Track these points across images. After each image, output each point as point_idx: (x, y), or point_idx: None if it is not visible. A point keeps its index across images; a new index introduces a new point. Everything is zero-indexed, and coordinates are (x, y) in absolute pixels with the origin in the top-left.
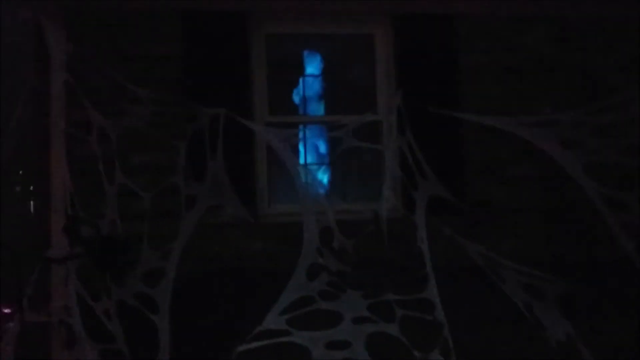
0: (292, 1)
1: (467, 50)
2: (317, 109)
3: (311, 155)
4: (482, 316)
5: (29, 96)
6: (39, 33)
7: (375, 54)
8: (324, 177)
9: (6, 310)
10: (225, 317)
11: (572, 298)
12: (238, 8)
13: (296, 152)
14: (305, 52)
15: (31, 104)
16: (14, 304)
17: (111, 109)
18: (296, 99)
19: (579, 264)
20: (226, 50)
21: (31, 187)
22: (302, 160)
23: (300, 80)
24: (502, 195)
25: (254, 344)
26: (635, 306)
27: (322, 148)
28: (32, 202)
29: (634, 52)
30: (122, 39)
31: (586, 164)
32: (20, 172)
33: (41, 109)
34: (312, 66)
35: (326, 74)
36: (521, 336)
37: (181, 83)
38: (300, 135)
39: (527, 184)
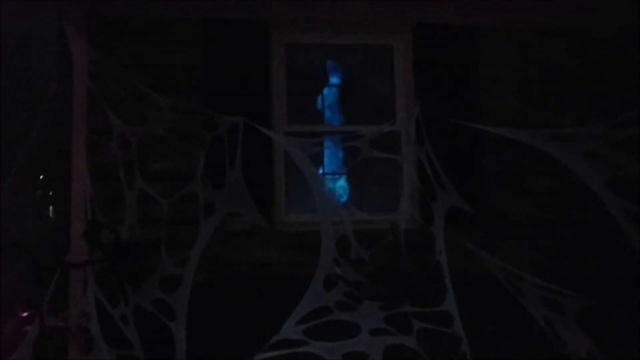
0: (312, 11)
1: (486, 62)
2: (336, 118)
3: (330, 164)
4: (501, 330)
5: (52, 102)
6: (62, 40)
7: (394, 64)
8: (342, 187)
9: (24, 314)
10: (241, 325)
11: (592, 313)
12: (259, 17)
13: (315, 161)
14: (326, 62)
15: (53, 110)
16: (33, 308)
17: (132, 116)
18: (315, 108)
19: (599, 278)
20: (246, 58)
21: (51, 192)
22: (320, 170)
23: (320, 89)
24: (522, 208)
25: (270, 354)
26: None
27: (340, 158)
28: (51, 207)
29: None
30: (143, 46)
31: (608, 178)
32: (41, 177)
33: (63, 115)
34: (332, 76)
35: (345, 84)
36: (541, 351)
37: (201, 91)
38: (321, 144)
39: (546, 196)
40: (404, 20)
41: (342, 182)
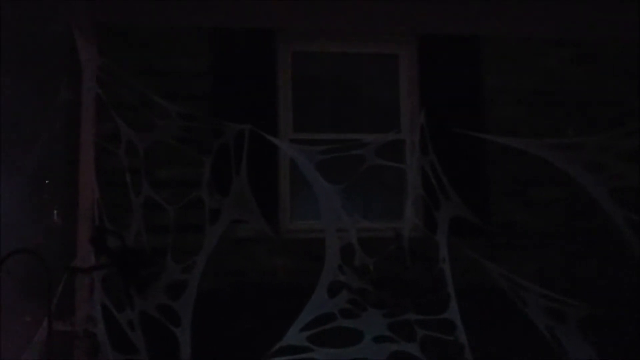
0: (319, 21)
1: (491, 72)
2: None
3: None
4: (504, 338)
5: (61, 108)
6: (71, 46)
7: (400, 74)
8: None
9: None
10: (246, 331)
11: (595, 321)
12: (266, 26)
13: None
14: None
15: (62, 116)
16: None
17: (140, 123)
18: (320, 116)
19: (602, 288)
20: (253, 67)
21: (59, 197)
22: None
23: (326, 98)
24: (526, 217)
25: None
26: None
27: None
28: (56, 212)
29: None
30: (152, 54)
31: (611, 188)
32: (47, 181)
33: (72, 121)
34: (338, 84)
35: (351, 92)
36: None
37: (209, 99)
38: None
39: (551, 206)
40: (410, 30)
41: (346, 190)
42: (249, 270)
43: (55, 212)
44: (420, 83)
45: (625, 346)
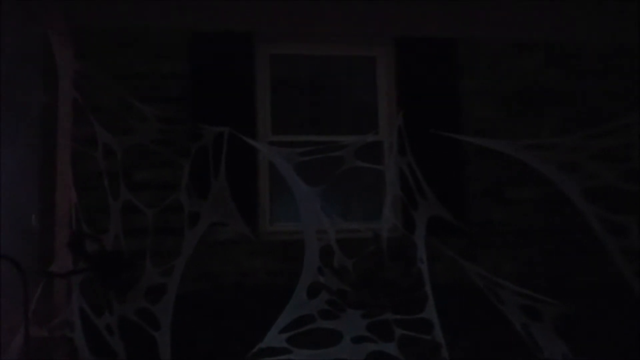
0: (297, 23)
1: (467, 74)
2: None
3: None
4: (481, 337)
5: (37, 112)
6: (47, 49)
7: (377, 76)
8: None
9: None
10: (225, 334)
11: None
12: (244, 29)
13: (298, 171)
14: (309, 73)
15: (39, 120)
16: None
17: (117, 126)
18: (299, 118)
19: (578, 287)
20: (232, 69)
21: (36, 201)
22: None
23: (304, 100)
24: (502, 217)
25: None
26: (631, 330)
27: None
28: (34, 217)
29: (632, 77)
30: (129, 56)
31: (585, 188)
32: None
33: (49, 125)
34: (316, 86)
35: (329, 94)
36: (519, 357)
37: (187, 101)
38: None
39: (527, 206)
40: (387, 32)
41: (325, 192)
42: (229, 273)
43: (32, 216)
44: (397, 85)
45: (603, 343)
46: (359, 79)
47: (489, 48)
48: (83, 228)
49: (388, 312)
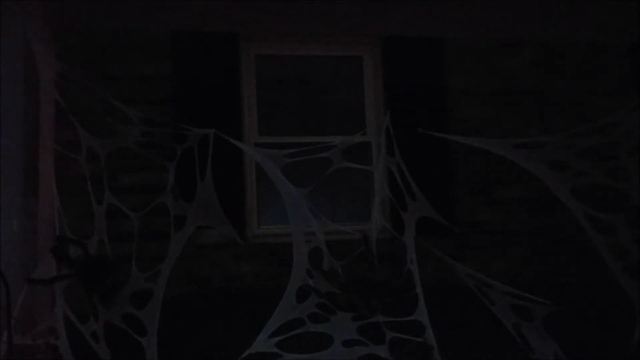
0: (282, 23)
1: (455, 73)
2: (307, 129)
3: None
4: (472, 338)
5: (19, 115)
6: (27, 52)
7: (364, 75)
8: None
9: None
10: (214, 339)
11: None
12: (228, 29)
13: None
14: (295, 73)
15: (20, 122)
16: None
17: (101, 129)
18: (285, 119)
19: (567, 285)
20: (216, 70)
21: (18, 207)
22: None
23: (290, 101)
24: (491, 217)
25: None
26: (621, 327)
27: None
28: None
29: (618, 76)
30: (112, 58)
31: (573, 186)
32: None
33: (30, 128)
34: (303, 87)
35: (316, 95)
36: (511, 358)
37: (171, 103)
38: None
39: (516, 205)
40: (374, 32)
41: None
42: (216, 277)
43: (14, 222)
44: (384, 85)
45: (591, 341)
46: (346, 79)
47: (476, 47)
48: (66, 233)
49: (379, 314)
